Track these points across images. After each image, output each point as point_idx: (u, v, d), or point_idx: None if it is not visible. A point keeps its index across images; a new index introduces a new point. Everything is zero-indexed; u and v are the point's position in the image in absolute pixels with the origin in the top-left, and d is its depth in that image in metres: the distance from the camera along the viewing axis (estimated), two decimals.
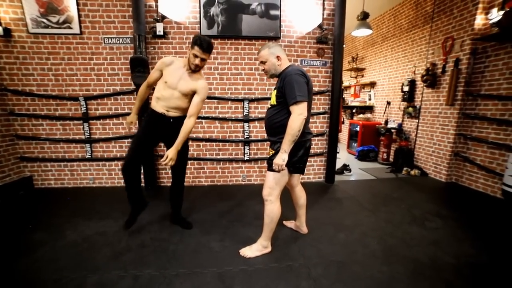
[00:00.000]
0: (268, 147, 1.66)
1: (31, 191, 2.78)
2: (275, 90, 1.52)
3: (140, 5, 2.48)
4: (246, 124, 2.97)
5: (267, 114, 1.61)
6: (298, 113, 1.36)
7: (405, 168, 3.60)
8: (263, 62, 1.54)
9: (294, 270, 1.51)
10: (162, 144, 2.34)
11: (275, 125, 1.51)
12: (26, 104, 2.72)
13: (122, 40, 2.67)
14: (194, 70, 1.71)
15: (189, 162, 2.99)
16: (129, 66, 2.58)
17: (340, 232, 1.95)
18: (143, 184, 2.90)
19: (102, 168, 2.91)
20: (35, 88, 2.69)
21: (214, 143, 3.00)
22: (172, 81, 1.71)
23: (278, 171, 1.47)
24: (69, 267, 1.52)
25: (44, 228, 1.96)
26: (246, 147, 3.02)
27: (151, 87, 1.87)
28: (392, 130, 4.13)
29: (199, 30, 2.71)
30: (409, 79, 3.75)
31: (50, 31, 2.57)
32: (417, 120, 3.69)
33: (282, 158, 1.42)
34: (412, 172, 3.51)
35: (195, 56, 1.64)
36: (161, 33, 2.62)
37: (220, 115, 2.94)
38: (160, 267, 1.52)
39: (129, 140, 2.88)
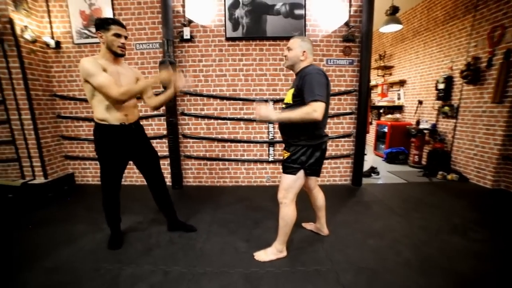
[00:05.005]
0: (282, 148, 1.62)
1: (73, 187, 3.04)
2: (292, 89, 1.48)
3: (169, 11, 2.59)
4: (271, 125, 2.96)
5: None
6: (312, 109, 1.30)
7: (440, 172, 3.33)
8: (289, 49, 1.51)
9: (322, 275, 1.47)
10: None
11: (292, 126, 1.45)
12: (70, 108, 2.98)
13: (152, 45, 2.82)
14: (121, 54, 1.55)
15: (214, 162, 3.07)
16: (158, 69, 2.74)
17: (369, 238, 1.86)
18: (170, 184, 3.02)
19: (132, 167, 3.06)
20: (77, 93, 2.94)
21: (239, 144, 3.03)
22: (116, 80, 1.52)
23: (261, 118, 1.43)
24: (106, 258, 1.63)
25: (85, 221, 2.14)
26: (271, 148, 3.01)
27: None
28: (425, 131, 3.84)
29: (224, 33, 2.77)
30: (445, 76, 3.46)
31: (91, 41, 2.80)
32: (454, 120, 3.39)
33: (272, 116, 1.42)
34: (449, 177, 3.23)
35: (118, 35, 1.49)
36: (188, 36, 2.72)
37: (245, 116, 2.97)
38: (188, 265, 1.56)
39: (159, 140, 3.03)
